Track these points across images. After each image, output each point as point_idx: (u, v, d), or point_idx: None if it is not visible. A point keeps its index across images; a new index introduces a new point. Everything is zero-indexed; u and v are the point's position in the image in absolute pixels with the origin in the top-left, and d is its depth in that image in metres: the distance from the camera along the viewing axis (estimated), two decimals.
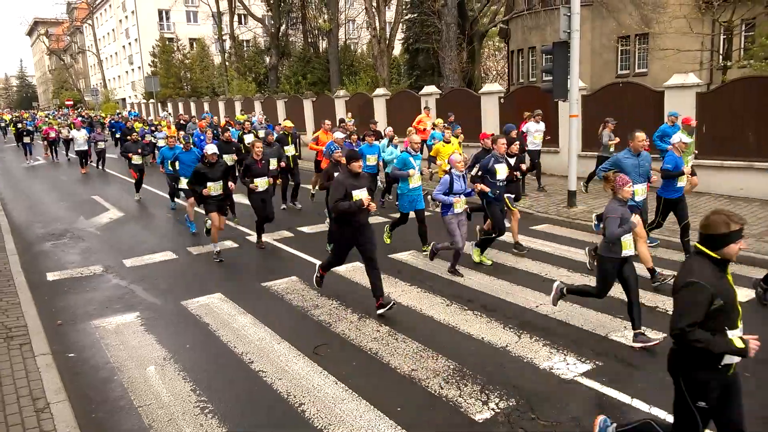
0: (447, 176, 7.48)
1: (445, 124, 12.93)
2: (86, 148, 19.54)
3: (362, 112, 21.98)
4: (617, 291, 6.84)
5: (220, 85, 41.48)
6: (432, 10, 26.04)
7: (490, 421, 4.32)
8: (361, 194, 6.32)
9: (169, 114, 35.56)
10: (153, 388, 4.94)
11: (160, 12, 57.08)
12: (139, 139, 15.19)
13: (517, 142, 8.70)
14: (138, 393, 4.87)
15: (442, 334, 5.88)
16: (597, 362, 5.13)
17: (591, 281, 7.25)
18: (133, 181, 14.50)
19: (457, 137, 12.07)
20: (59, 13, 78.07)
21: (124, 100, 63.90)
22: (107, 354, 5.66)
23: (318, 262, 8.42)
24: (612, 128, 11.90)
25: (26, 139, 24.52)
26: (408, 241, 9.32)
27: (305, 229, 10.54)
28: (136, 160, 14.07)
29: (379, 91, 22.17)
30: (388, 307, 6.28)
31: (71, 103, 65.75)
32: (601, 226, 5.51)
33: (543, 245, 8.97)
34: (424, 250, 8.59)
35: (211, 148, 8.84)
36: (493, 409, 4.47)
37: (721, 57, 21.29)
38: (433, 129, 14.17)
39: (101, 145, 19.89)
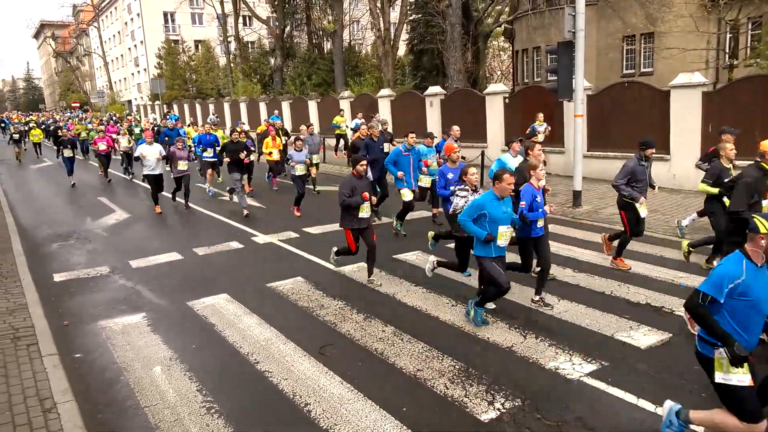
0: None
1: None
2: (160, 172, 12.83)
3: (368, 113, 21.99)
4: (623, 291, 6.84)
5: (226, 87, 41.64)
6: (436, 11, 26.03)
7: (496, 421, 4.32)
8: None
9: (216, 117, 29.26)
10: (159, 389, 4.96)
11: (165, 14, 57.31)
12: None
13: None
14: (144, 393, 4.89)
15: (448, 335, 5.88)
16: (602, 362, 5.12)
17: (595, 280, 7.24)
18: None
19: None
20: (65, 16, 78.40)
21: (130, 102, 64.22)
22: (114, 354, 5.68)
23: (323, 263, 8.46)
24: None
25: (67, 152, 17.37)
26: (412, 242, 9.32)
27: (311, 229, 10.55)
28: (366, 211, 7.33)
29: (384, 91, 22.21)
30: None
31: (77, 105, 66.06)
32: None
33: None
34: None
35: None
36: (498, 409, 4.46)
37: (727, 56, 21.19)
38: None
39: (183, 166, 12.70)
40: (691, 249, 7.72)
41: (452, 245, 7.57)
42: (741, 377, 3.45)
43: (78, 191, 16.77)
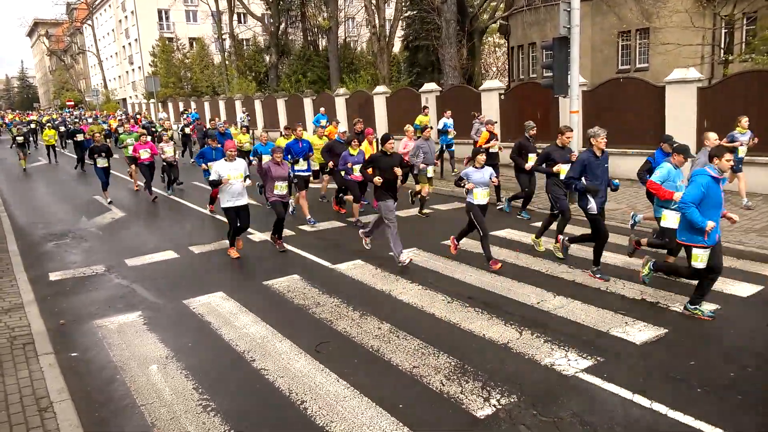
0: None
1: None
2: (245, 201, 8.66)
3: (362, 110, 21.99)
4: (618, 287, 6.86)
5: (221, 84, 41.53)
6: (431, 7, 26.01)
7: (492, 418, 4.33)
8: None
9: (248, 116, 26.51)
10: (155, 387, 4.95)
11: (159, 12, 57.11)
12: None
13: None
14: (141, 392, 4.89)
15: (444, 332, 5.89)
16: (598, 358, 5.14)
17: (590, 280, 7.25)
18: None
19: None
20: (59, 14, 78.18)
21: (124, 100, 63.99)
22: (110, 353, 5.67)
23: (319, 260, 8.45)
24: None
25: (102, 162, 13.94)
26: (408, 239, 9.32)
27: (307, 227, 10.54)
28: None
29: (379, 88, 22.18)
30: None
31: (72, 103, 65.76)
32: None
33: (545, 242, 8.94)
34: None
35: None
36: (494, 406, 4.47)
37: (722, 51, 21.23)
38: None
39: (282, 189, 9.03)
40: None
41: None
42: None
43: (74, 190, 16.71)
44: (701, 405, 4.36)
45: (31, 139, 27.04)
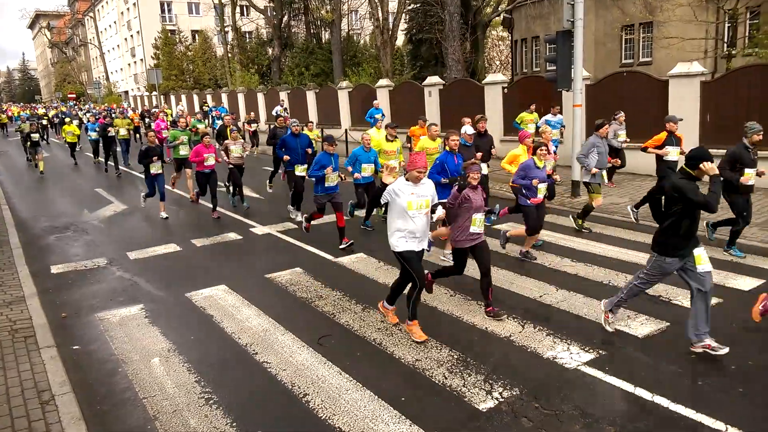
0: None
1: None
2: (426, 243, 5.79)
3: (364, 104, 21.91)
4: (620, 281, 6.84)
5: (223, 77, 41.46)
6: (435, 0, 25.87)
7: (494, 411, 4.33)
8: None
9: (285, 109, 23.76)
10: (158, 380, 4.96)
11: (161, 3, 57.02)
12: None
13: None
14: (143, 385, 4.89)
15: (446, 324, 5.89)
16: (600, 351, 5.13)
17: (600, 272, 7.25)
18: None
19: None
20: (61, 6, 78.00)
21: (126, 92, 63.94)
22: (112, 346, 5.68)
23: (321, 253, 8.44)
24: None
25: (155, 168, 11.03)
26: None
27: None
28: None
29: (382, 82, 22.11)
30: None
31: (74, 96, 65.70)
32: None
33: (547, 235, 8.93)
34: None
35: None
36: (496, 399, 4.47)
37: (725, 45, 21.12)
38: None
39: (479, 225, 5.92)
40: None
41: None
42: None
43: (76, 183, 16.71)
44: (702, 398, 4.35)
45: (48, 131, 22.63)
